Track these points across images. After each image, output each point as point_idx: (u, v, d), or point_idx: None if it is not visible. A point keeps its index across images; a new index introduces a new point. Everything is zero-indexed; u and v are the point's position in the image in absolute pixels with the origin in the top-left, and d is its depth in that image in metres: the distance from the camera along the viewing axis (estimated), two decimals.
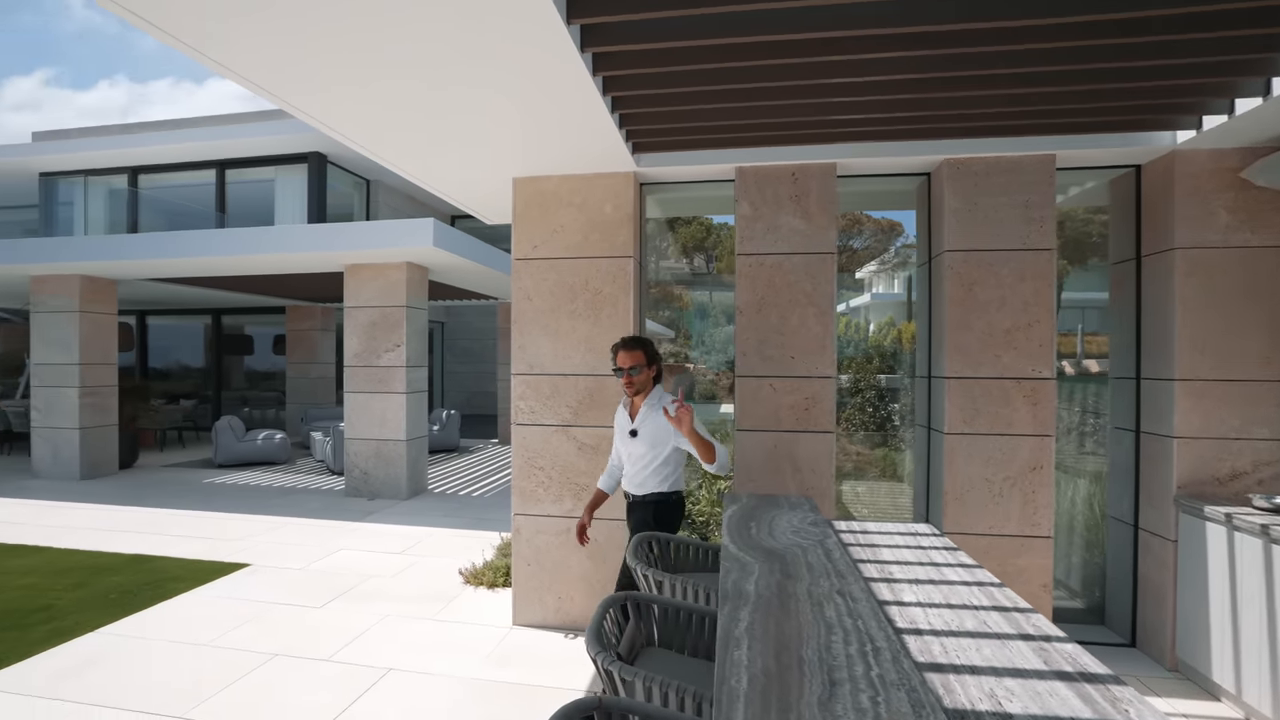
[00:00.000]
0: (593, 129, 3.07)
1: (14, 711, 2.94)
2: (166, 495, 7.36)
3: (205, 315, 14.13)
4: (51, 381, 8.30)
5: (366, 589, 4.45)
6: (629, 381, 2.90)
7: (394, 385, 6.98)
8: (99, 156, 12.97)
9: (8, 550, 5.31)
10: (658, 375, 3.01)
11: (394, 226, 6.35)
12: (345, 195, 13.50)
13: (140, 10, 2.08)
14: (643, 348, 2.94)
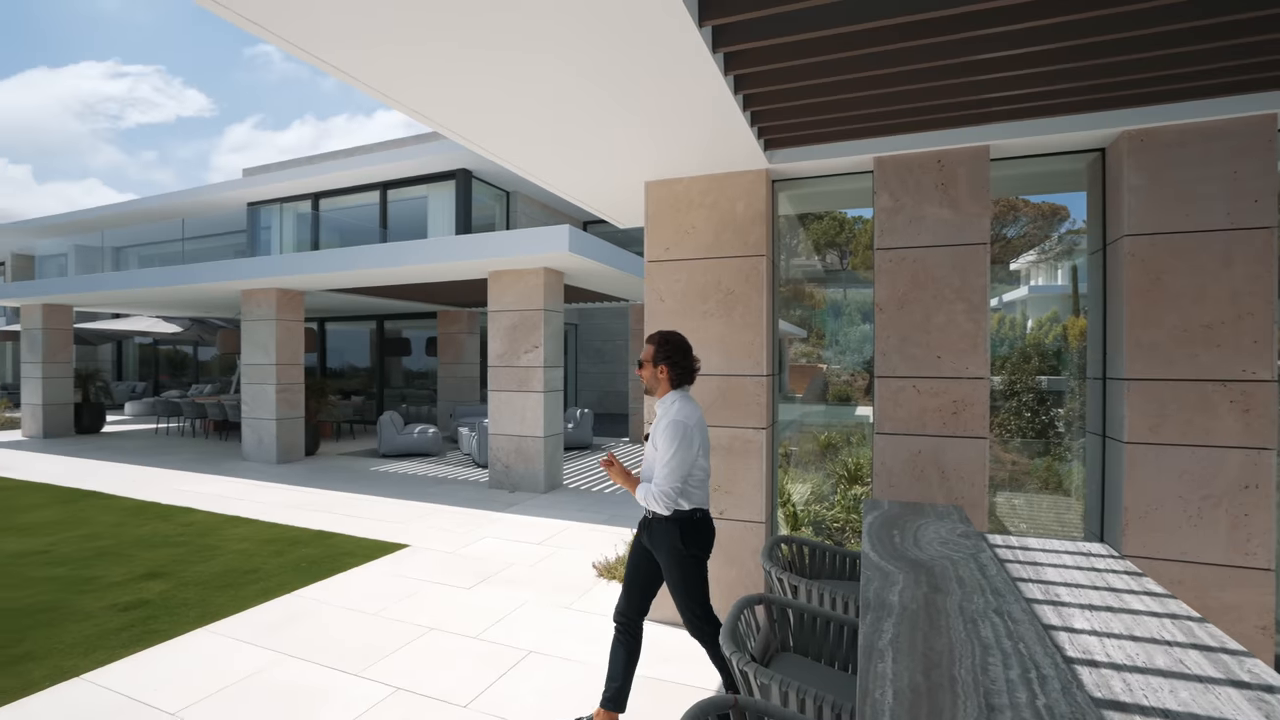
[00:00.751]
0: (724, 129, 3.06)
1: (234, 653, 3.47)
2: (341, 480, 8.33)
3: (370, 321, 15.81)
4: (256, 379, 9.70)
5: (509, 575, 4.75)
6: (639, 374, 2.76)
7: (533, 384, 7.39)
8: (290, 186, 14.95)
9: (227, 520, 6.27)
10: (680, 379, 2.65)
11: (532, 235, 6.72)
12: (487, 207, 14.50)
13: (326, 56, 2.38)
14: (656, 344, 2.68)
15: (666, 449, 2.45)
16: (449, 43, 2.29)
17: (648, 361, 2.68)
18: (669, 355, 2.63)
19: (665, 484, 2.45)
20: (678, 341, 2.66)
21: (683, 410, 2.55)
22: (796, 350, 15.38)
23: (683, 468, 2.47)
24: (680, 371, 2.64)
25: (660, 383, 2.67)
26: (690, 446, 2.48)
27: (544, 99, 2.75)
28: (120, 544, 5.47)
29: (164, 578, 4.64)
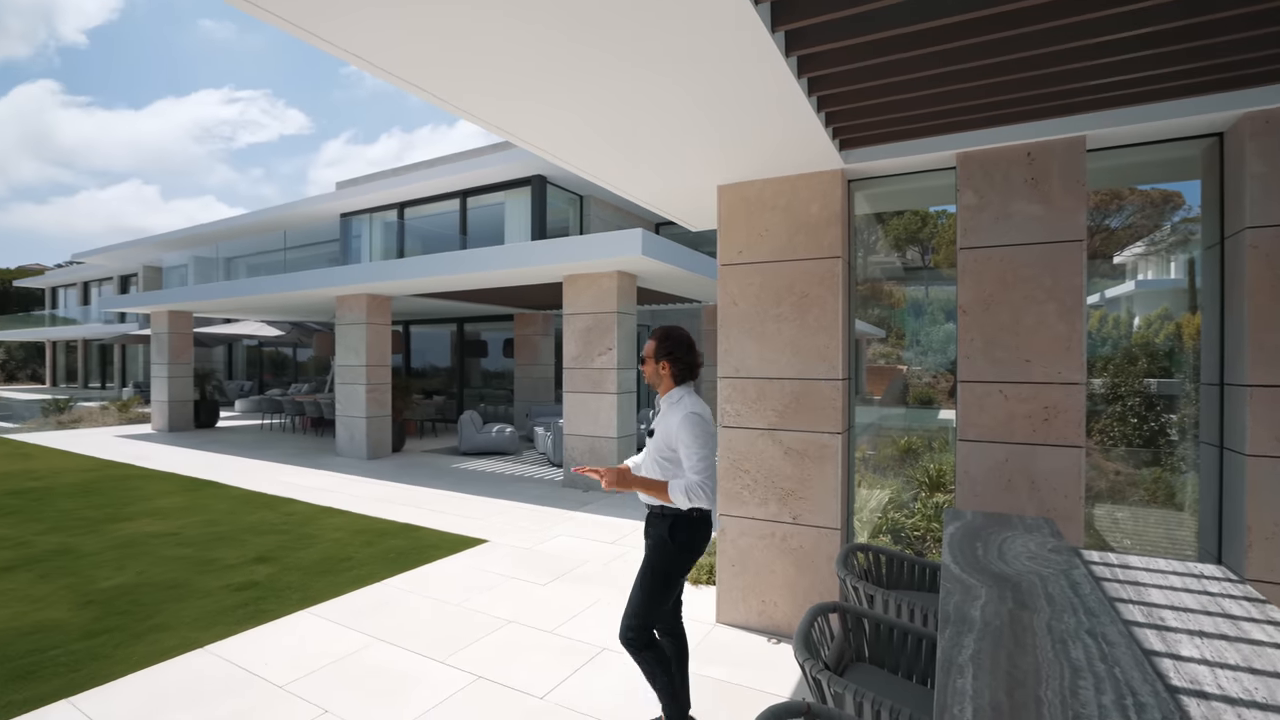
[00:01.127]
0: (798, 131, 3.03)
1: (332, 635, 3.74)
2: (425, 476, 8.76)
3: (451, 324, 16.50)
4: (348, 380, 10.35)
5: (582, 573, 4.86)
6: (642, 369, 2.72)
7: (606, 386, 7.52)
8: (378, 197, 15.83)
9: (324, 511, 6.74)
10: (683, 374, 2.62)
11: (606, 239, 6.85)
12: (561, 211, 14.84)
13: (406, 75, 2.53)
14: (657, 339, 2.64)
15: (692, 442, 2.40)
16: (531, 61, 2.38)
17: (649, 358, 2.65)
18: (671, 351, 2.60)
19: (704, 475, 2.37)
20: (679, 337, 2.63)
21: (695, 404, 2.53)
22: (874, 351, 14.87)
23: (711, 458, 2.44)
24: (683, 367, 2.60)
25: (663, 379, 2.64)
26: (713, 438, 2.48)
27: (619, 110, 2.81)
28: (234, 530, 5.99)
29: (271, 562, 5.04)
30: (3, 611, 4.08)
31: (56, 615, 4.02)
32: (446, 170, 14.16)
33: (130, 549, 5.37)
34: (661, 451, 2.54)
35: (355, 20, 2.12)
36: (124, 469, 9.39)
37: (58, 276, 34.97)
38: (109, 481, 8.40)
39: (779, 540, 3.74)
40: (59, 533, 5.88)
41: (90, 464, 9.83)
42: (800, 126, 2.97)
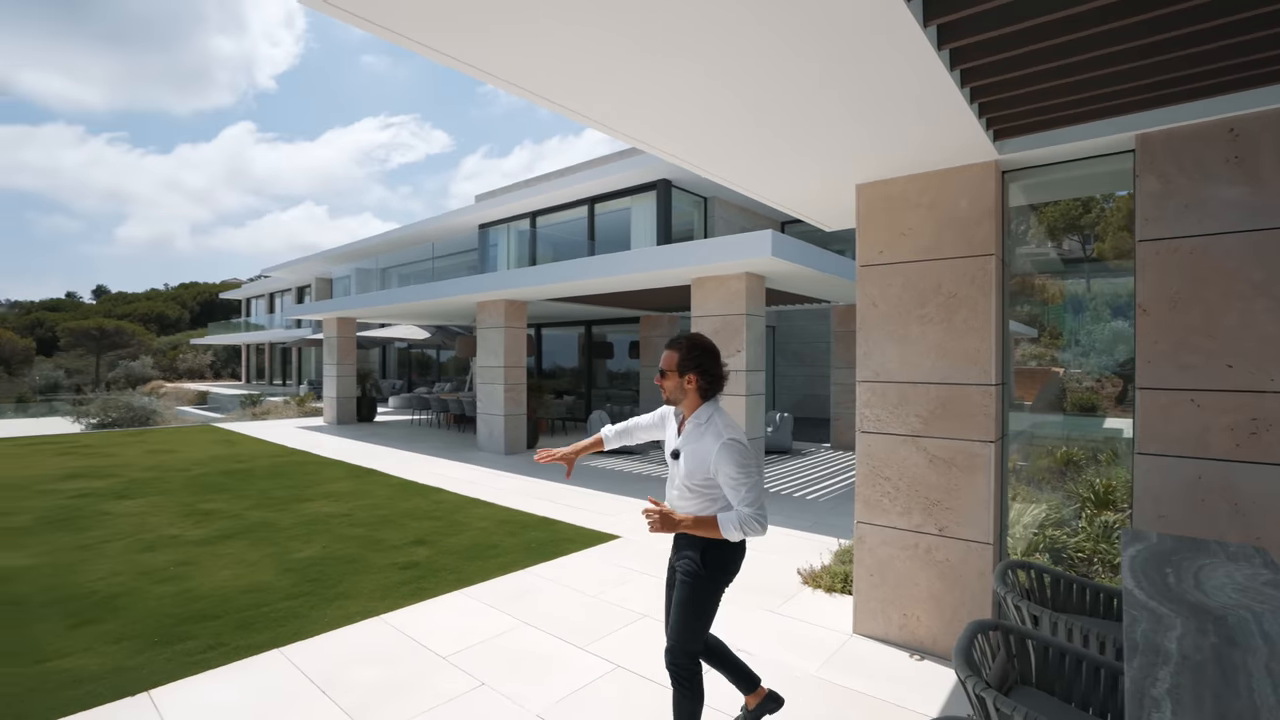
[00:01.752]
0: (949, 125, 2.89)
1: (483, 615, 4.07)
2: (558, 472, 9.21)
3: (579, 326, 17.18)
4: (487, 380, 11.12)
5: None
6: (660, 385, 2.45)
7: (735, 388, 7.52)
8: (512, 207, 16.83)
9: (469, 501, 7.31)
10: (711, 389, 2.38)
11: (736, 241, 6.85)
12: (686, 213, 14.98)
13: (539, 90, 2.71)
14: (679, 350, 2.38)
15: (738, 474, 2.20)
16: (679, 60, 2.48)
17: (670, 370, 2.38)
18: (699, 362, 2.34)
19: (756, 506, 2.20)
20: (706, 346, 2.38)
21: (730, 426, 2.31)
22: (1024, 352, 13.58)
23: (761, 485, 2.27)
24: (710, 380, 2.36)
25: (688, 394, 2.37)
26: (755, 460, 2.29)
27: (755, 112, 2.83)
28: (394, 514, 6.66)
29: (428, 545, 5.55)
30: (226, 571, 4.84)
31: (264, 578, 4.70)
32: (575, 179, 14.78)
33: (314, 526, 6.14)
34: (693, 478, 2.32)
35: (494, 47, 2.32)
36: (304, 456, 10.73)
37: (250, 289, 40.50)
38: (293, 466, 9.64)
39: (923, 552, 3.57)
40: (261, 508, 6.85)
41: (278, 450, 11.33)
42: (952, 120, 2.83)
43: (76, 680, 3.28)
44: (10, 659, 3.50)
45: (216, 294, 61.72)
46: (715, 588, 2.34)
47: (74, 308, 68.52)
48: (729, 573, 2.37)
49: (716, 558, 2.31)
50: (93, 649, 3.61)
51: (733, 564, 2.37)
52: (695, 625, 2.34)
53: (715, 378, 2.37)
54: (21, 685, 3.23)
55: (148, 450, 11.33)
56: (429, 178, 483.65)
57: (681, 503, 2.39)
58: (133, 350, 45.29)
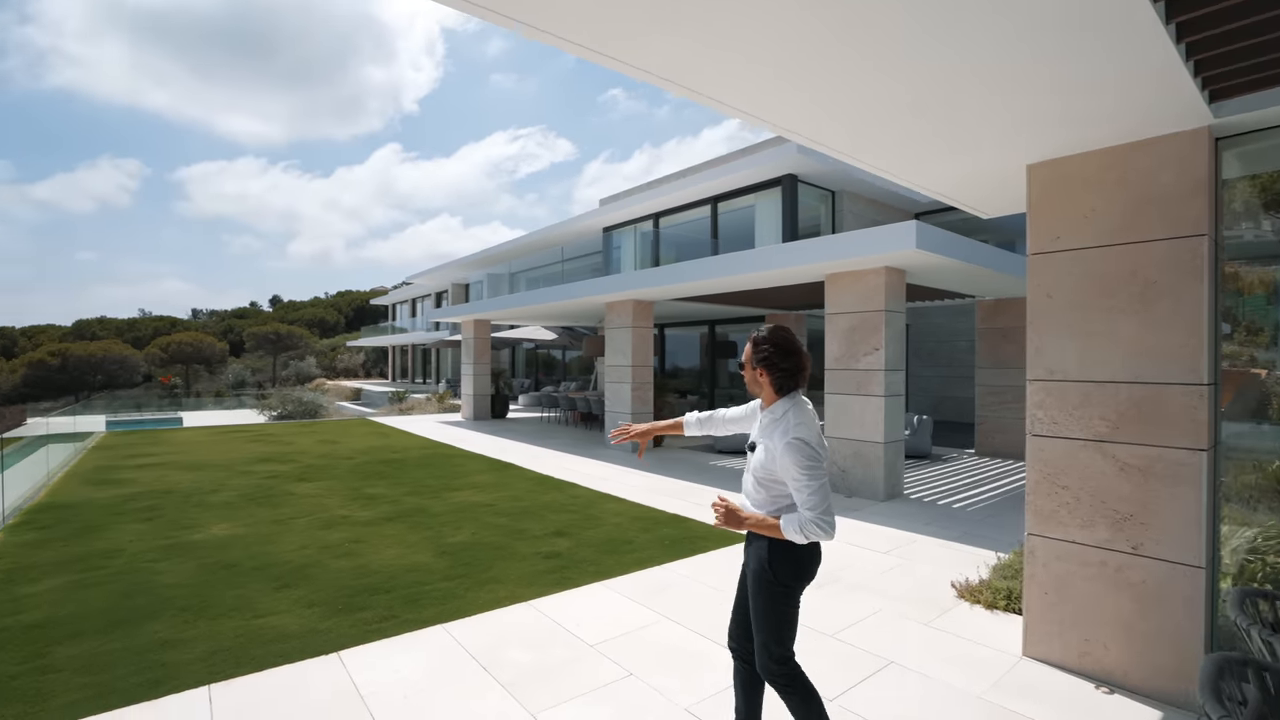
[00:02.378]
0: (1157, 85, 2.55)
1: (626, 608, 4.16)
2: (686, 470, 9.25)
3: (702, 326, 17.16)
4: (615, 379, 11.39)
5: (855, 580, 4.69)
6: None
7: (872, 388, 7.16)
8: (635, 209, 17.14)
9: (602, 497, 7.52)
10: (784, 384, 2.30)
11: (875, 234, 6.52)
12: (813, 209, 14.51)
13: (674, 77, 2.70)
14: (753, 343, 2.36)
15: (802, 475, 2.13)
16: (815, 50, 2.38)
17: (746, 363, 2.39)
18: (767, 357, 2.30)
19: (819, 510, 2.11)
20: (778, 340, 2.32)
21: (800, 424, 2.21)
22: None
23: (828, 488, 2.17)
24: (780, 375, 2.29)
25: (762, 387, 2.35)
26: (823, 462, 2.18)
27: (916, 91, 2.66)
28: (533, 506, 6.99)
29: (567, 537, 5.77)
30: (391, 551, 5.31)
31: (424, 559, 5.11)
32: (697, 179, 14.79)
33: (463, 514, 6.59)
34: (762, 472, 2.29)
35: (643, 43, 2.33)
36: (446, 449, 11.56)
37: (394, 295, 44.38)
38: (440, 458, 10.42)
39: (1111, 571, 3.19)
40: (415, 495, 7.46)
41: (424, 443, 12.29)
42: (1162, 80, 2.49)
43: (283, 636, 3.73)
44: (235, 613, 4.06)
45: (366, 300, 68.26)
46: (784, 592, 2.27)
47: (255, 315, 78.73)
48: (800, 577, 2.28)
49: (783, 559, 2.24)
50: (291, 611, 4.09)
51: (804, 567, 2.28)
52: (775, 633, 2.28)
53: (787, 372, 2.30)
54: (245, 636, 3.73)
55: (318, 440, 12.73)
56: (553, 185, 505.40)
57: (754, 495, 2.35)
58: (300, 351, 51.19)
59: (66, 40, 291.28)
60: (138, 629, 3.84)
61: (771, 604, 2.27)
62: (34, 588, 4.56)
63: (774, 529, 2.18)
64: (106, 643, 3.67)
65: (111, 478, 8.73)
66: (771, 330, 2.36)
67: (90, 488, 8.05)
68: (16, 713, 2.97)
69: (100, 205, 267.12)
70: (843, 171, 13.38)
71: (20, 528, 6.18)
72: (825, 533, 2.12)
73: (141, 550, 5.37)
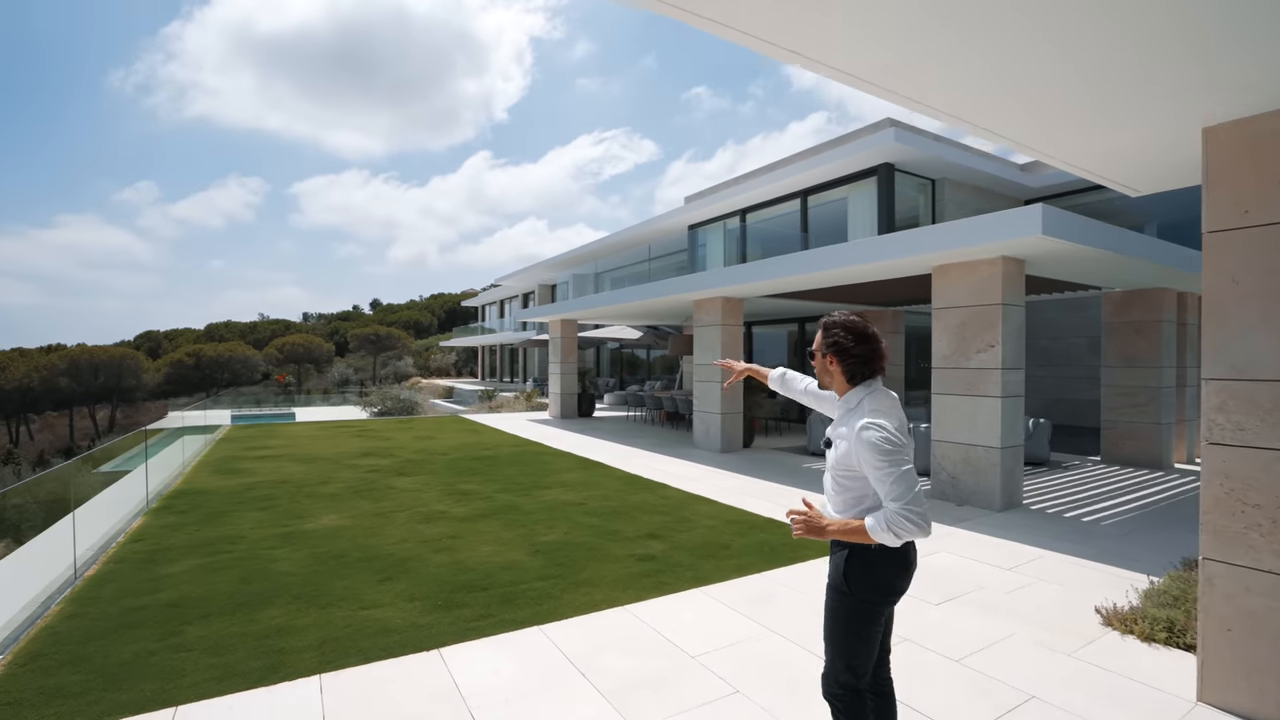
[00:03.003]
0: None
1: (726, 617, 3.95)
2: (778, 472, 8.90)
3: (790, 324, 16.62)
4: (704, 378, 11.17)
5: (980, 599, 4.26)
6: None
7: (986, 388, 6.58)
8: (721, 206, 16.81)
9: (693, 498, 7.33)
10: (856, 372, 2.11)
11: (993, 220, 5.97)
12: (911, 199, 13.71)
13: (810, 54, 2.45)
14: (823, 329, 2.19)
15: (882, 463, 1.90)
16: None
17: (816, 351, 2.22)
18: (837, 342, 2.11)
19: (904, 501, 1.87)
20: (850, 324, 2.13)
21: (875, 410, 2.01)
22: None
23: (912, 475, 1.91)
24: (852, 362, 2.10)
25: (833, 376, 2.17)
26: (905, 448, 1.94)
27: (1081, 57, 2.30)
28: (624, 506, 6.89)
29: (660, 539, 5.62)
30: (486, 548, 5.35)
31: (518, 557, 5.10)
32: (786, 172, 14.30)
33: (555, 512, 6.58)
34: (840, 470, 2.07)
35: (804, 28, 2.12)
36: (536, 446, 11.73)
37: (484, 297, 46.02)
38: (530, 456, 10.57)
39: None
40: (507, 493, 7.56)
41: (514, 440, 12.54)
42: None
43: (387, 629, 3.79)
44: (343, 603, 4.18)
45: (458, 302, 71.37)
46: (862, 607, 2.05)
47: (357, 317, 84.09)
48: (881, 589, 2.04)
49: (861, 568, 2.02)
50: (395, 604, 4.16)
51: (887, 577, 2.03)
52: (846, 651, 2.09)
53: (859, 360, 2.10)
54: (352, 627, 3.82)
55: (415, 436, 13.27)
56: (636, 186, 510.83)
57: (835, 499, 2.13)
58: (398, 351, 54.13)
59: (205, 73, 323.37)
60: (258, 613, 4.02)
61: (846, 621, 2.07)
62: (172, 568, 4.90)
63: (859, 533, 1.94)
64: (230, 625, 3.85)
65: (235, 468, 9.42)
66: (843, 317, 2.18)
67: (218, 477, 8.70)
68: (155, 689, 3.15)
69: (228, 219, 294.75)
70: (944, 159, 12.55)
71: (161, 511, 6.73)
72: (918, 526, 1.86)
73: (260, 537, 5.69)
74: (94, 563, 5.12)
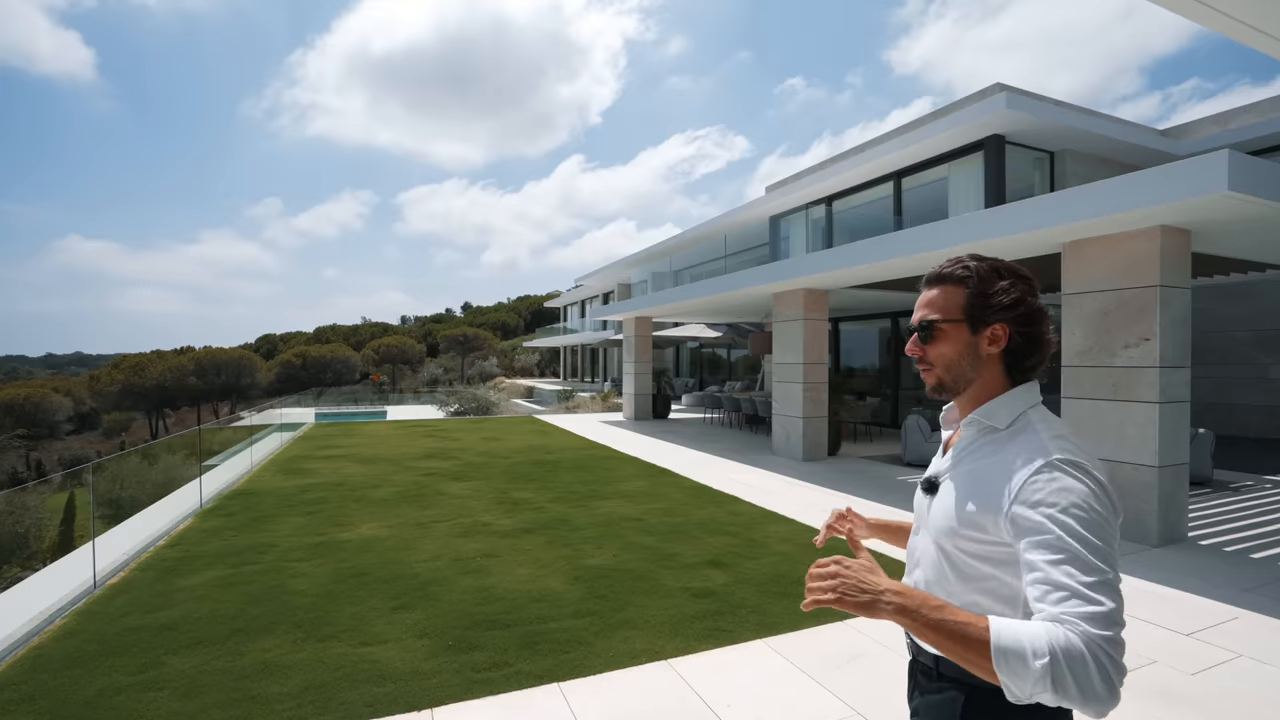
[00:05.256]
0: None
1: (798, 686, 3.05)
2: (869, 487, 7.76)
3: (883, 319, 15.15)
4: (784, 378, 10.13)
5: (1154, 681, 3.12)
6: (919, 358, 1.24)
7: (1138, 391, 5.25)
8: (804, 194, 15.58)
9: (766, 515, 6.39)
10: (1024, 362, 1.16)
11: (1151, 178, 4.68)
12: (1024, 176, 12.02)
13: None
14: (963, 278, 1.18)
15: (1074, 540, 0.95)
16: None
17: (942, 325, 1.20)
18: (1018, 301, 1.15)
19: (1116, 625, 0.90)
20: (1025, 276, 1.18)
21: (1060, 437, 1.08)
22: None
23: (1117, 585, 0.94)
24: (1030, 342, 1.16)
25: (984, 366, 1.19)
26: (1118, 518, 1.03)
27: None
28: (687, 523, 6.06)
29: (723, 568, 4.75)
30: (523, 571, 4.69)
31: (554, 585, 4.40)
32: (878, 152, 12.95)
33: (608, 528, 5.85)
34: (960, 530, 1.12)
35: None
36: (603, 450, 11.08)
37: (566, 298, 46.32)
38: (594, 460, 9.93)
39: None
40: (561, 503, 6.91)
41: (582, 443, 11.96)
42: None
43: (381, 676, 3.18)
44: (347, 635, 3.64)
45: (542, 304, 72.69)
46: None
47: (449, 319, 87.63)
48: None
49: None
50: (401, 641, 3.56)
51: None
52: None
53: (1030, 340, 1.17)
54: (344, 669, 3.24)
55: (483, 437, 12.99)
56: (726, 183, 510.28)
57: (940, 586, 1.18)
58: (485, 352, 55.63)
59: (324, 95, 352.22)
60: (251, 643, 3.54)
61: None
62: (189, 580, 4.56)
63: (973, 646, 0.93)
64: (217, 657, 3.38)
65: (300, 467, 9.35)
66: (998, 262, 1.21)
67: (280, 476, 8.61)
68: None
69: (341, 230, 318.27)
70: (1065, 126, 10.86)
71: (211, 513, 6.56)
72: (1107, 689, 0.86)
73: (292, 547, 5.31)
74: (124, 568, 4.88)
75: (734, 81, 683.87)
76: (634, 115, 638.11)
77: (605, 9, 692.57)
